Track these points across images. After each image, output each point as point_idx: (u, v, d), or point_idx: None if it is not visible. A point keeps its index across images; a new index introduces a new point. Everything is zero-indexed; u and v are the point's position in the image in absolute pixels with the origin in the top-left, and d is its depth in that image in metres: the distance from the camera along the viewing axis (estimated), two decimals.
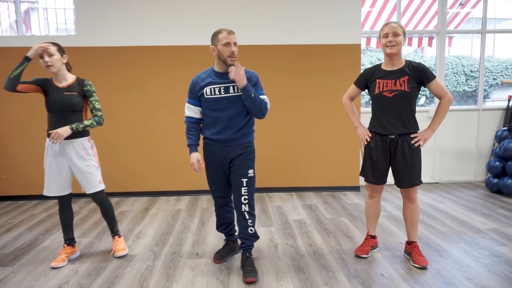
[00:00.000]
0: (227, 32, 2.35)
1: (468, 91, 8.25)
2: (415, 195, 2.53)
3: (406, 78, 2.39)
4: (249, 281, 2.36)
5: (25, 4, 4.91)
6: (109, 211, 2.79)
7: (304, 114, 4.44)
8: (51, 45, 2.50)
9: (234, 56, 2.35)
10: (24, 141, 4.29)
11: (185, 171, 4.42)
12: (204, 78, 2.46)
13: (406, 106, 2.42)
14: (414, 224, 2.57)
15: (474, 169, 4.89)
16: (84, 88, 2.61)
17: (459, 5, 5.83)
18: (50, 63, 2.48)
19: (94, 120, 2.60)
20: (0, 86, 3.79)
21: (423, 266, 2.47)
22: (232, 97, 2.39)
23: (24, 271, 2.55)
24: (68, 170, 2.63)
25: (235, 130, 2.41)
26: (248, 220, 2.48)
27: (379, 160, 2.51)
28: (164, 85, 4.32)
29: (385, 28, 2.39)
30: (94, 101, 2.64)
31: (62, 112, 2.54)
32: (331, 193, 4.47)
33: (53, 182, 2.62)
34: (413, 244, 2.60)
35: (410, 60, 2.45)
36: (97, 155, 2.72)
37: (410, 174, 2.46)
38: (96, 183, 2.66)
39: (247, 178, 2.47)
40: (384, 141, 2.48)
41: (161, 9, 4.22)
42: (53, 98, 2.53)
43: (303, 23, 4.33)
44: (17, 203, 4.24)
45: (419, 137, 2.44)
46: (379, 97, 2.45)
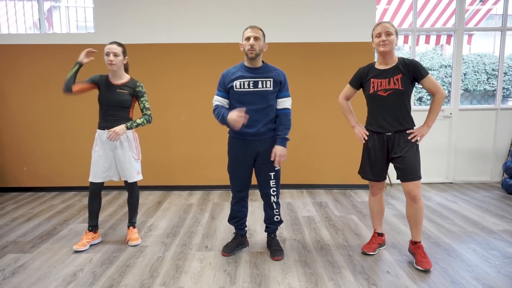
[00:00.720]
0: (250, 27, 2.50)
1: (489, 90, 8.03)
2: (418, 193, 2.46)
3: (399, 76, 2.42)
4: (277, 259, 2.61)
5: (47, 3, 5.09)
6: (134, 200, 2.99)
7: (316, 111, 4.45)
8: (117, 46, 2.75)
9: (254, 49, 2.46)
10: (45, 135, 4.46)
11: (198, 166, 4.50)
12: (234, 72, 2.56)
13: (401, 104, 2.44)
14: (418, 225, 2.51)
15: (490, 169, 4.79)
16: (136, 89, 2.85)
17: (479, 2, 5.69)
18: (114, 62, 2.72)
19: (144, 118, 2.86)
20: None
21: (426, 269, 2.42)
22: (261, 91, 2.49)
23: (42, 258, 2.68)
24: (113, 159, 2.86)
25: (262, 124, 2.51)
26: (275, 210, 2.71)
27: (377, 157, 2.55)
28: (179, 82, 4.41)
29: (378, 27, 2.44)
30: (144, 101, 2.88)
31: (113, 107, 2.78)
32: (342, 190, 4.47)
33: (99, 170, 2.84)
34: (417, 244, 2.54)
35: (402, 57, 2.48)
36: (139, 148, 2.95)
37: (411, 167, 2.43)
38: (135, 173, 2.90)
39: (275, 172, 2.63)
40: (382, 138, 2.52)
41: (177, 8, 4.31)
42: (105, 94, 2.77)
43: (316, 21, 4.34)
44: (37, 194, 4.43)
45: (416, 133, 2.46)
46: (374, 96, 2.49)
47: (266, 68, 2.56)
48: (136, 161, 2.91)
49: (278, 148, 2.53)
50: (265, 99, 2.50)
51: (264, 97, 2.49)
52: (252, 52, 2.46)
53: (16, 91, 4.41)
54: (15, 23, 4.63)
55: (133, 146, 2.88)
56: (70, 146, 4.45)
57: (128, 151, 2.85)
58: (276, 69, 2.59)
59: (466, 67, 7.10)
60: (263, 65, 2.57)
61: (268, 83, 2.50)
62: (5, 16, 4.63)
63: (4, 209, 3.87)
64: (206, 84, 4.35)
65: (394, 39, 2.41)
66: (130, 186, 2.95)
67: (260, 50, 2.50)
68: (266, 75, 2.51)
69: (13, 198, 4.26)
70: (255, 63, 2.53)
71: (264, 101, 2.50)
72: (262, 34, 2.50)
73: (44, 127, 4.45)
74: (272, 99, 2.53)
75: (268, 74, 2.52)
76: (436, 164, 4.74)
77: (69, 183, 4.51)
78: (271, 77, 2.51)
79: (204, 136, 4.44)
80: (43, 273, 2.47)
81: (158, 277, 2.41)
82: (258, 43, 2.47)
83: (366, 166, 2.62)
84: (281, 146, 2.53)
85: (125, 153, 2.84)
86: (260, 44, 2.49)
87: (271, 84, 2.51)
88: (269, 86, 2.50)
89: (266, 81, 2.50)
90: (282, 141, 2.54)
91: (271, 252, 2.68)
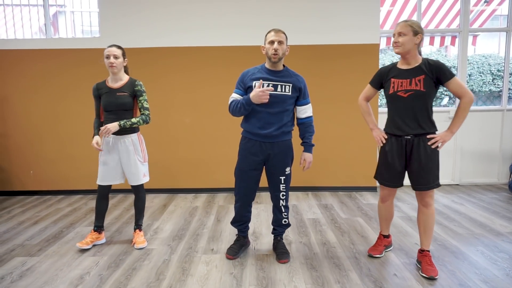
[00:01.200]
0: (274, 31, 2.48)
1: (495, 91, 7.98)
2: (430, 200, 2.40)
3: (422, 77, 2.30)
4: (283, 262, 2.61)
5: (53, 8, 5.14)
6: (140, 202, 3.01)
7: (321, 114, 4.44)
8: (117, 48, 2.78)
9: (277, 54, 2.45)
10: (51, 139, 4.49)
11: (203, 169, 4.51)
12: (254, 73, 2.57)
13: (422, 106, 2.32)
14: (427, 231, 2.44)
15: (497, 171, 4.75)
16: (135, 88, 2.85)
17: (484, 3, 5.67)
18: (115, 64, 2.75)
19: (141, 118, 2.83)
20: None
21: (431, 277, 2.33)
22: (279, 95, 2.50)
23: (49, 261, 2.70)
24: (119, 163, 2.88)
25: (276, 127, 2.52)
26: (283, 213, 2.72)
27: (394, 162, 2.44)
28: (184, 85, 4.43)
29: (395, 27, 2.36)
30: (143, 100, 2.87)
31: (116, 111, 2.80)
32: (348, 193, 4.45)
33: (106, 173, 2.87)
34: (425, 253, 2.46)
35: (427, 58, 2.35)
36: (145, 150, 2.96)
37: (426, 176, 2.35)
38: (141, 176, 2.92)
39: (285, 176, 2.64)
40: (400, 142, 2.41)
41: (181, 11, 4.33)
42: (107, 99, 2.79)
43: (320, 23, 4.34)
44: (44, 198, 4.45)
45: (437, 138, 2.32)
46: (393, 97, 2.39)
47: (286, 73, 2.56)
48: (142, 164, 2.92)
49: (307, 155, 2.65)
50: (282, 103, 2.50)
51: (281, 101, 2.50)
52: (276, 57, 2.46)
53: (22, 96, 4.45)
54: (21, 28, 4.68)
55: (139, 149, 2.89)
56: (76, 149, 4.48)
57: (134, 154, 2.86)
58: (297, 74, 2.59)
59: (471, 68, 7.06)
60: (284, 69, 2.57)
61: (288, 87, 2.51)
62: (11, 21, 4.68)
63: (11, 212, 3.90)
64: (211, 87, 4.37)
65: (409, 40, 2.29)
66: (136, 188, 2.96)
67: (283, 54, 2.49)
68: (286, 80, 2.51)
69: (20, 202, 4.29)
70: (277, 66, 2.53)
71: (281, 105, 2.50)
72: (285, 38, 2.49)
73: (50, 131, 4.48)
74: (289, 104, 2.54)
75: (288, 79, 2.52)
76: (442, 166, 4.71)
77: (75, 186, 4.54)
78: (291, 82, 2.52)
79: (209, 139, 4.45)
80: (50, 276, 2.48)
81: (165, 280, 2.41)
82: (282, 47, 2.46)
83: (382, 170, 2.52)
84: (309, 153, 2.65)
85: (130, 157, 2.85)
86: (283, 48, 2.48)
87: (290, 89, 2.51)
88: (288, 91, 2.51)
89: (285, 85, 2.50)
90: (309, 148, 2.66)
91: (277, 255, 2.68)
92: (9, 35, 4.66)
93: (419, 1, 4.60)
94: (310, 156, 2.66)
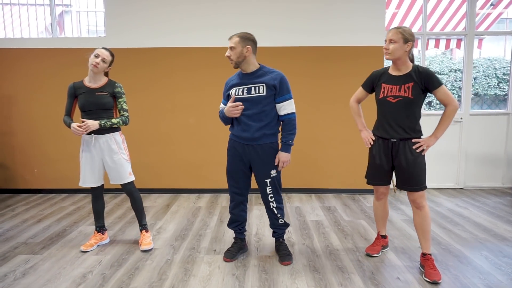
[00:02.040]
0: (229, 37, 2.53)
1: (500, 95, 7.94)
2: (422, 201, 2.43)
3: (411, 85, 2.35)
4: (285, 264, 2.60)
5: (59, 7, 5.17)
6: (137, 202, 2.95)
7: (325, 116, 4.43)
8: (110, 54, 2.78)
9: (231, 60, 2.51)
10: (55, 138, 4.51)
11: (206, 169, 4.51)
12: (232, 79, 2.62)
13: (409, 112, 2.38)
14: (425, 234, 2.45)
15: (502, 175, 4.72)
16: (115, 89, 2.81)
17: (490, 6, 5.64)
18: (98, 66, 2.71)
19: (120, 119, 2.80)
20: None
21: (434, 281, 2.33)
22: (254, 97, 2.49)
23: (52, 260, 2.70)
24: (101, 163, 2.84)
25: (254, 129, 2.50)
26: (277, 214, 2.68)
27: (382, 162, 2.52)
28: (187, 85, 4.43)
29: (387, 33, 2.41)
30: (122, 102, 2.84)
31: (95, 111, 2.75)
32: (351, 195, 4.44)
33: (88, 174, 2.84)
34: (427, 256, 2.46)
35: (417, 65, 2.40)
36: (127, 149, 2.91)
37: (413, 179, 2.40)
38: (126, 174, 2.86)
39: (270, 179, 2.61)
40: (386, 144, 2.49)
41: (186, 12, 4.34)
42: (85, 99, 2.74)
43: (325, 25, 4.34)
44: (48, 196, 4.47)
45: (422, 143, 2.39)
46: (382, 101, 2.47)
47: (260, 72, 2.53)
48: (127, 162, 2.86)
49: (282, 154, 2.55)
50: (258, 104, 2.48)
51: (257, 102, 2.48)
52: (231, 62, 2.52)
53: (27, 94, 4.47)
54: (28, 27, 4.71)
55: (122, 147, 2.83)
56: (78, 149, 4.48)
57: (118, 153, 2.80)
58: (273, 71, 2.53)
59: (476, 71, 7.02)
60: (258, 68, 2.55)
61: (261, 88, 2.48)
62: (18, 20, 4.71)
63: (15, 210, 3.92)
64: (214, 87, 4.37)
65: (399, 47, 2.34)
66: (128, 189, 2.88)
67: (240, 57, 2.48)
68: (259, 80, 2.50)
69: (24, 200, 4.31)
70: (246, 68, 2.53)
71: (257, 106, 2.48)
72: (238, 41, 2.46)
73: (54, 129, 4.50)
74: (266, 104, 2.49)
75: (261, 79, 2.49)
76: (447, 169, 4.69)
77: (78, 185, 4.54)
78: (264, 82, 2.48)
79: (212, 139, 4.45)
80: (53, 274, 2.48)
81: (167, 280, 2.41)
82: (234, 52, 2.47)
83: (370, 171, 2.61)
84: (285, 152, 2.55)
85: (113, 155, 2.79)
86: (237, 52, 2.46)
87: (264, 89, 2.48)
88: (262, 91, 2.48)
89: (258, 86, 2.48)
90: (285, 148, 2.55)
91: (280, 256, 2.67)
92: (15, 34, 4.69)
93: (425, 4, 4.58)
94: (286, 155, 2.54)
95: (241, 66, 2.53)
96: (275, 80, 2.48)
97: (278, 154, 2.56)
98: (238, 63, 2.50)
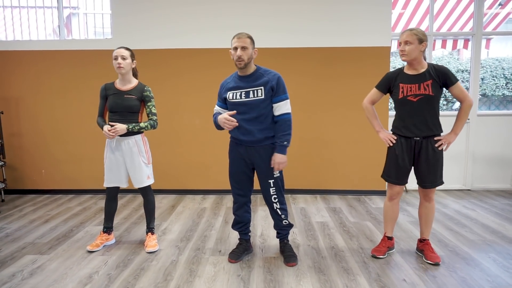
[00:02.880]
0: (238, 36, 2.43)
1: (508, 95, 7.84)
2: (433, 195, 2.63)
3: (430, 82, 2.44)
4: (290, 265, 2.59)
5: (67, 10, 5.22)
6: (149, 205, 2.98)
7: (331, 117, 4.42)
8: (125, 50, 2.78)
9: (242, 60, 2.42)
10: (63, 139, 4.56)
11: (212, 170, 4.52)
12: (229, 82, 2.58)
13: (431, 109, 2.47)
14: (428, 223, 2.67)
15: (510, 176, 4.66)
16: (144, 93, 2.85)
17: (498, 5, 5.58)
18: (122, 65, 2.75)
19: (149, 123, 2.84)
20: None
21: (436, 263, 2.55)
22: (252, 101, 2.47)
23: (59, 260, 2.73)
24: (123, 164, 2.87)
25: (255, 132, 2.49)
26: (281, 215, 2.67)
27: (404, 162, 2.57)
28: (193, 87, 4.45)
29: (401, 36, 2.46)
30: (151, 106, 2.88)
31: (121, 113, 2.79)
32: (357, 196, 4.42)
33: (112, 175, 2.87)
34: (426, 241, 2.68)
35: (432, 63, 2.49)
36: (149, 152, 2.94)
37: (433, 175, 2.53)
38: (145, 178, 2.89)
39: (273, 179, 2.59)
40: (409, 143, 2.54)
41: (192, 14, 4.36)
42: (114, 100, 2.79)
43: (331, 26, 4.33)
44: (55, 197, 4.51)
45: (443, 140, 2.50)
46: (403, 101, 2.51)
47: (257, 74, 2.49)
48: (147, 165, 2.89)
49: (277, 156, 2.48)
50: (257, 108, 2.46)
51: (255, 106, 2.46)
52: (241, 63, 2.43)
53: (35, 96, 4.52)
54: (36, 29, 4.76)
55: (143, 150, 2.88)
56: (87, 150, 4.53)
57: (138, 156, 2.84)
58: (269, 72, 2.49)
59: (484, 71, 6.95)
60: (255, 70, 2.51)
61: (260, 91, 2.45)
62: (26, 23, 4.77)
63: (23, 210, 3.96)
64: None
65: (415, 48, 2.41)
66: (143, 191, 2.94)
67: (249, 58, 2.44)
68: (257, 83, 2.46)
69: (32, 200, 4.36)
70: (246, 71, 2.50)
71: (256, 110, 2.46)
72: (250, 42, 2.42)
73: (62, 131, 4.55)
74: (265, 107, 2.47)
75: (259, 82, 2.46)
76: (454, 170, 4.65)
77: (85, 186, 4.59)
78: (262, 85, 2.45)
79: (217, 140, 4.46)
80: (60, 274, 2.51)
81: (172, 280, 2.42)
82: (246, 53, 2.41)
83: (391, 170, 2.62)
84: (280, 154, 2.48)
85: (134, 158, 2.84)
86: (249, 53, 2.42)
87: (263, 92, 2.45)
88: (260, 94, 2.45)
89: (257, 90, 2.45)
90: (281, 149, 2.48)
91: (285, 258, 2.67)
92: (24, 37, 4.75)
93: (432, 4, 4.55)
94: (281, 157, 2.47)
95: (244, 68, 2.48)
96: (273, 82, 2.46)
97: (274, 156, 2.49)
98: (246, 64, 2.45)
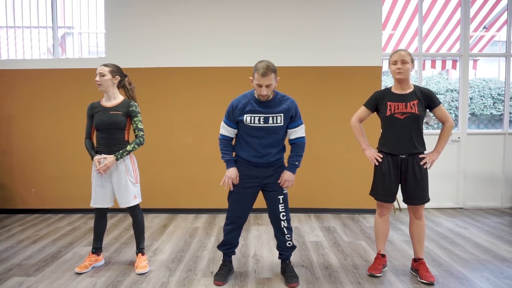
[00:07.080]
0: (261, 75, 2.35)
1: (496, 115, 8.01)
2: (422, 212, 2.65)
3: (416, 102, 2.55)
4: (292, 286, 2.54)
5: (61, 29, 5.27)
6: (138, 225, 2.92)
7: (324, 135, 4.45)
8: (105, 66, 2.77)
9: (266, 95, 2.41)
10: (53, 157, 4.51)
11: (204, 189, 4.49)
12: (245, 104, 2.51)
13: (416, 127, 2.56)
14: (421, 241, 2.67)
15: (500, 194, 4.71)
16: (130, 108, 2.81)
17: (483, 28, 5.76)
18: (99, 82, 2.75)
19: (135, 143, 2.79)
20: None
21: (431, 282, 2.53)
22: (270, 127, 2.50)
23: (46, 282, 2.65)
24: (110, 184, 2.81)
25: (271, 155, 2.54)
26: (286, 235, 2.64)
27: (391, 179, 2.62)
28: (186, 105, 4.47)
29: (394, 55, 2.57)
30: (137, 121, 2.83)
31: (107, 130, 2.75)
32: (350, 215, 4.41)
33: (99, 195, 2.81)
34: (420, 261, 2.67)
35: (418, 85, 2.62)
36: (137, 171, 2.89)
37: (421, 191, 2.58)
38: (131, 198, 2.82)
39: (283, 195, 2.62)
40: (395, 160, 2.61)
41: (185, 32, 4.42)
42: (99, 117, 2.76)
43: (323, 45, 4.42)
44: (44, 216, 4.42)
45: (427, 158, 2.57)
46: (390, 118, 2.59)
47: (276, 100, 2.51)
48: (134, 185, 2.83)
49: (287, 173, 2.57)
50: (275, 133, 2.52)
51: (274, 132, 2.51)
52: (264, 98, 2.45)
53: (28, 114, 4.49)
54: (30, 49, 4.78)
55: (130, 169, 2.82)
56: (77, 168, 4.48)
57: (125, 175, 2.78)
58: (287, 99, 2.53)
59: (472, 91, 7.12)
60: (273, 96, 2.52)
61: (279, 118, 2.49)
62: (21, 42, 4.79)
63: (10, 231, 3.87)
64: (213, 106, 4.40)
65: (410, 67, 2.54)
66: (132, 210, 2.86)
67: (272, 92, 2.49)
68: (278, 110, 2.48)
69: (20, 220, 4.26)
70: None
71: (274, 135, 2.52)
72: (274, 77, 2.40)
73: (53, 149, 4.50)
74: (282, 132, 2.55)
75: (279, 109, 2.48)
76: (446, 189, 4.68)
77: (75, 205, 4.51)
78: (282, 112, 2.49)
79: (210, 159, 4.44)
80: None
81: None
82: (270, 88, 2.41)
83: (379, 188, 2.66)
84: (290, 172, 2.57)
85: (121, 177, 2.77)
86: (272, 88, 2.43)
87: (282, 119, 2.50)
88: (279, 121, 2.49)
89: (277, 116, 2.48)
90: (292, 168, 2.59)
91: (286, 278, 2.61)
92: (18, 56, 4.76)
93: (420, 26, 4.69)
94: (290, 175, 2.56)
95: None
96: (292, 109, 2.52)
97: (283, 173, 2.57)
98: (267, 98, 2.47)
